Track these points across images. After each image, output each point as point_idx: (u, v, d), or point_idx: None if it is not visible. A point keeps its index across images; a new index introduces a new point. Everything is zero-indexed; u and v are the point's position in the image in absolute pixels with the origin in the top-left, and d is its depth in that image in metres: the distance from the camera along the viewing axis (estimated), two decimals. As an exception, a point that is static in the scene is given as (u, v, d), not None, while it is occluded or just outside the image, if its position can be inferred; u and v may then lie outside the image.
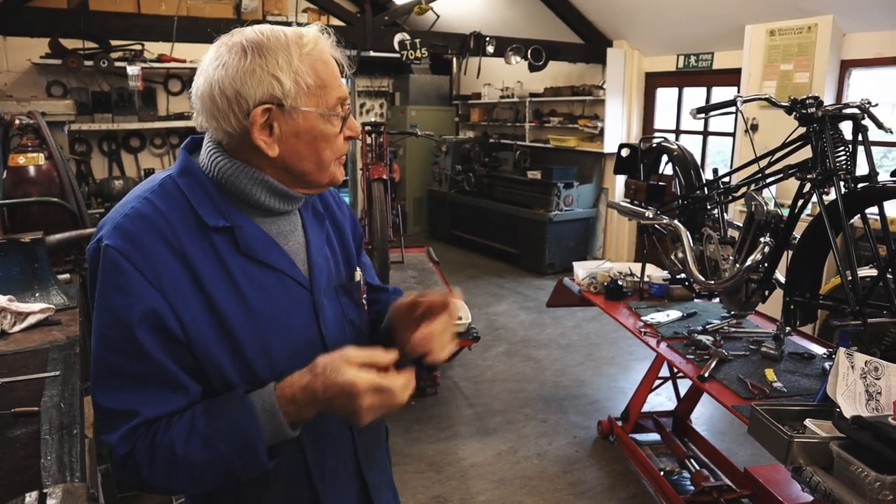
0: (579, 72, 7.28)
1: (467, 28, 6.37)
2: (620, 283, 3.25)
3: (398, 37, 5.95)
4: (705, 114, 2.55)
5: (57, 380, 1.52)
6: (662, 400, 3.80)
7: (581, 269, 3.46)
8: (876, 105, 2.18)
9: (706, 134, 6.20)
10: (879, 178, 2.06)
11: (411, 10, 6.17)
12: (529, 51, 6.49)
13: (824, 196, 2.19)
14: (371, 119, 7.92)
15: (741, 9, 5.12)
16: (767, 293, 2.54)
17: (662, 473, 3.02)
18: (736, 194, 2.83)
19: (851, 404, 1.71)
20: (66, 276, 2.42)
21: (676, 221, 2.96)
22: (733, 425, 3.56)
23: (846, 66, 4.73)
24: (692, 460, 3.06)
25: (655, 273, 3.39)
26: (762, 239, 2.45)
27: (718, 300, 3.04)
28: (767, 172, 2.53)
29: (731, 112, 2.50)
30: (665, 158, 3.22)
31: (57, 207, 2.61)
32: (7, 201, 2.56)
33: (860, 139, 2.14)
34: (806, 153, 2.29)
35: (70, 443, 1.23)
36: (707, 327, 2.72)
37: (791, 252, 2.37)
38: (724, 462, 3.07)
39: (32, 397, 1.42)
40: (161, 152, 7.00)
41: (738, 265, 2.52)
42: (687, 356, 2.49)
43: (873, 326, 2.01)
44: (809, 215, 2.70)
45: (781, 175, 2.44)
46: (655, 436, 3.41)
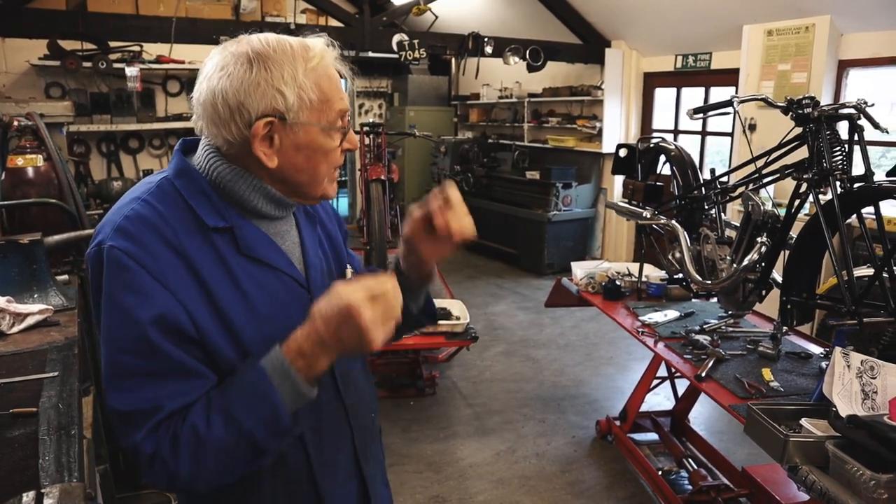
0: (578, 72, 7.29)
1: (466, 29, 6.37)
2: (618, 283, 3.25)
3: (397, 37, 5.95)
4: (702, 114, 2.56)
5: (55, 381, 1.52)
6: (661, 399, 3.81)
7: (579, 269, 3.47)
8: (872, 105, 2.18)
9: (704, 134, 6.21)
10: (875, 178, 2.07)
11: (410, 11, 6.17)
12: (528, 51, 6.50)
13: (821, 196, 2.20)
14: (369, 120, 7.92)
15: (739, 9, 5.13)
16: (764, 293, 2.54)
17: (660, 473, 3.03)
18: (733, 194, 2.84)
19: (847, 403, 1.71)
20: (65, 278, 2.41)
21: (674, 221, 2.96)
22: (731, 425, 3.57)
23: (844, 66, 4.74)
24: (690, 460, 3.07)
25: (653, 273, 3.39)
26: (759, 239, 2.47)
27: (716, 300, 3.05)
28: (764, 172, 2.54)
29: (728, 112, 2.51)
30: (663, 159, 3.23)
31: (55, 209, 2.60)
32: (5, 203, 2.56)
33: (856, 139, 2.15)
34: (802, 153, 2.30)
35: (68, 443, 1.23)
36: (704, 327, 2.72)
37: (788, 252, 2.37)
38: (722, 461, 3.08)
39: (31, 398, 1.42)
40: (160, 153, 7.00)
41: (735, 265, 2.53)
42: (684, 356, 2.49)
43: (870, 326, 2.01)
44: (807, 215, 2.71)
45: (778, 175, 2.45)
46: (653, 435, 3.41)
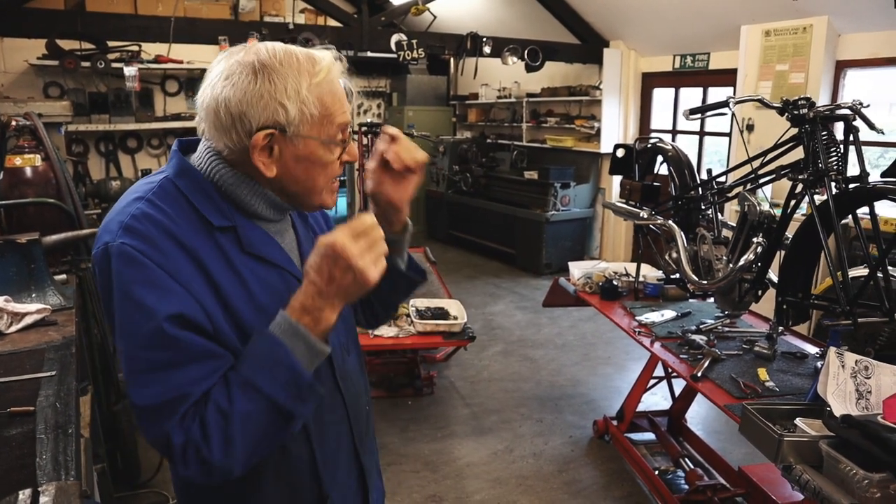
0: (576, 72, 7.30)
1: (464, 29, 6.38)
2: (615, 283, 3.26)
3: (395, 37, 5.95)
4: (698, 115, 2.57)
5: (53, 380, 1.53)
6: (658, 399, 3.82)
7: (577, 269, 3.48)
8: (867, 106, 2.19)
9: (703, 134, 6.22)
10: (870, 179, 2.08)
11: (408, 11, 6.18)
12: (526, 51, 6.51)
13: (816, 196, 2.21)
14: (368, 119, 7.92)
15: (737, 9, 5.14)
16: (760, 293, 2.55)
17: (657, 472, 3.03)
18: (729, 195, 2.84)
19: (842, 403, 1.72)
20: (63, 277, 2.42)
21: (671, 222, 2.97)
22: (728, 424, 3.57)
23: (841, 67, 4.75)
24: (687, 459, 3.08)
25: (650, 273, 3.40)
26: (755, 239, 2.47)
27: (713, 300, 3.06)
28: (760, 173, 2.55)
29: (724, 113, 2.52)
30: (660, 159, 3.24)
31: (53, 208, 2.60)
32: (3, 202, 2.56)
33: (851, 140, 2.16)
34: (799, 154, 2.31)
35: (65, 442, 1.24)
36: (701, 327, 2.73)
37: (783, 252, 2.38)
38: (719, 461, 3.09)
39: (28, 397, 1.43)
40: (158, 153, 7.00)
41: (731, 265, 2.54)
42: (681, 356, 2.50)
43: (865, 326, 2.02)
44: (804, 215, 2.72)
45: (774, 175, 2.45)
46: (650, 435, 3.42)
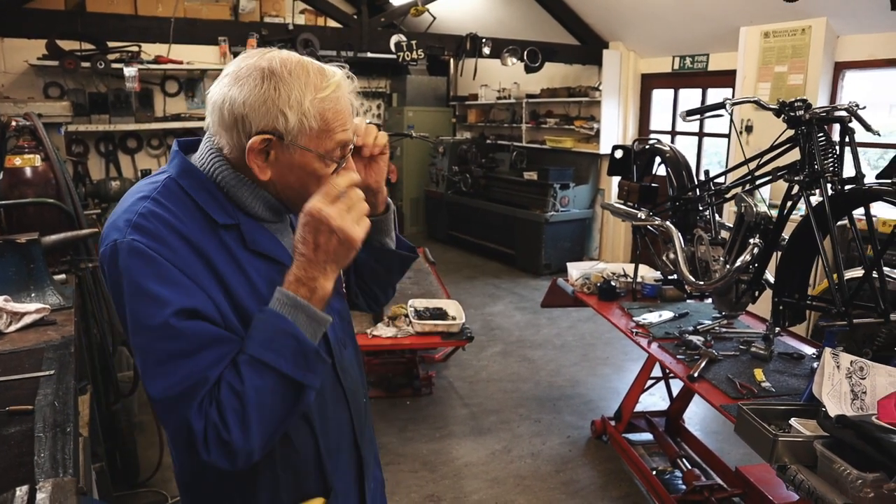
0: (575, 73, 7.31)
1: (464, 29, 6.39)
2: (613, 284, 3.27)
3: (395, 38, 5.96)
4: (697, 116, 2.58)
5: (51, 379, 1.54)
6: (656, 400, 3.83)
7: (575, 270, 3.49)
8: (864, 108, 2.20)
9: (702, 135, 6.23)
10: (866, 180, 2.08)
11: (408, 12, 6.18)
12: (526, 52, 6.52)
13: (812, 198, 2.22)
14: (368, 120, 7.92)
15: (736, 11, 5.15)
16: (757, 294, 2.56)
17: (654, 473, 3.04)
18: (727, 196, 2.85)
19: (837, 404, 1.73)
20: (62, 277, 2.44)
21: (668, 223, 2.98)
22: (725, 425, 3.57)
23: (840, 68, 4.76)
24: (684, 459, 3.09)
25: (648, 274, 3.41)
26: (751, 240, 2.48)
27: (710, 301, 3.07)
28: (757, 174, 2.55)
29: (722, 115, 2.53)
30: (658, 160, 3.24)
31: (53, 208, 2.61)
32: (3, 202, 2.57)
33: (847, 141, 2.17)
34: (795, 155, 2.31)
35: (63, 440, 1.25)
36: (698, 328, 2.74)
37: (780, 253, 2.39)
38: (716, 461, 3.09)
39: (27, 396, 1.44)
40: (158, 153, 7.00)
41: (728, 266, 2.55)
42: (677, 356, 2.51)
43: (860, 327, 2.03)
44: (801, 216, 2.73)
45: (771, 177, 2.46)
46: (648, 435, 3.43)
